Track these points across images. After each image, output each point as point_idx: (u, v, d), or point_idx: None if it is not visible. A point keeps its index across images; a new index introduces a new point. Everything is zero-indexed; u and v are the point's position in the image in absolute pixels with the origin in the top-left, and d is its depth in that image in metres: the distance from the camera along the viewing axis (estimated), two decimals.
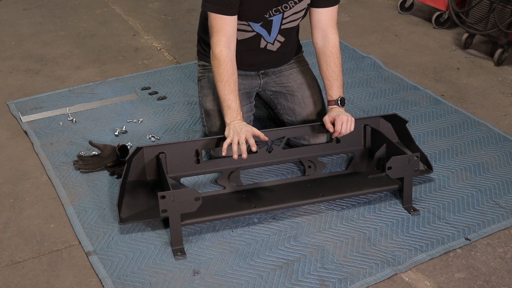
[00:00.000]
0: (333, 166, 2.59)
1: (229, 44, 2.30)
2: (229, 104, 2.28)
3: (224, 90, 2.28)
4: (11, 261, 2.08)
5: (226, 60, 2.28)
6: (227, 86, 2.28)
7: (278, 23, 2.40)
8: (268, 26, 2.40)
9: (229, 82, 2.28)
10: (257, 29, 2.40)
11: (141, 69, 3.47)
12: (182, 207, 2.04)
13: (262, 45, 2.47)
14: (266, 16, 2.35)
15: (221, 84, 2.29)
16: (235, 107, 2.28)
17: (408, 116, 2.95)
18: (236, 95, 2.30)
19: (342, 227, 2.24)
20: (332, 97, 2.44)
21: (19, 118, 2.90)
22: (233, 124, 2.25)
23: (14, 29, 4.00)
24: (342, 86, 2.46)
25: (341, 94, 2.44)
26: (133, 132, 2.81)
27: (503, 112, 3.08)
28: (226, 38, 2.28)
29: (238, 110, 2.29)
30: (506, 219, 2.30)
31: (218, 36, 2.29)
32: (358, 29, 4.10)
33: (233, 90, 2.29)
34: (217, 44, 2.29)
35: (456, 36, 3.99)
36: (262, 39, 2.45)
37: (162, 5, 4.46)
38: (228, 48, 2.29)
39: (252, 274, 2.02)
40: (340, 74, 2.45)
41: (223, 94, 2.29)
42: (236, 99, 2.29)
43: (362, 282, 1.99)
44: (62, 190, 2.41)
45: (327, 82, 2.45)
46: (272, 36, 2.44)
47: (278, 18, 2.38)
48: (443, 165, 2.60)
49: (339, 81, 2.44)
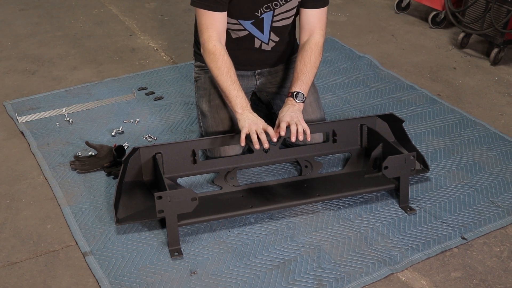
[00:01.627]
0: (330, 166, 2.59)
1: (220, 39, 2.29)
2: (235, 94, 2.23)
3: (227, 82, 2.24)
4: (7, 261, 2.08)
5: (222, 52, 2.26)
6: (229, 77, 2.25)
7: (269, 21, 2.39)
8: (259, 25, 2.39)
9: (230, 73, 2.25)
10: (248, 28, 2.39)
11: (137, 69, 3.47)
12: (178, 207, 2.04)
13: (256, 44, 2.46)
14: (257, 14, 2.34)
15: (222, 77, 2.25)
16: (243, 96, 2.24)
17: (405, 115, 2.95)
18: (239, 86, 2.26)
19: (339, 226, 2.24)
20: (292, 89, 2.33)
21: (15, 118, 2.90)
22: (246, 114, 2.21)
23: (11, 29, 4.00)
24: (308, 85, 2.36)
25: (303, 91, 2.32)
26: (129, 133, 2.80)
27: (499, 112, 3.09)
28: (216, 33, 2.27)
29: (246, 100, 2.25)
30: (502, 218, 2.30)
31: (208, 32, 2.27)
32: (354, 29, 4.11)
33: (235, 81, 2.25)
34: (209, 40, 2.27)
35: (452, 36, 4.00)
36: (256, 39, 2.44)
37: (158, 5, 4.46)
38: (220, 43, 2.28)
39: (249, 274, 2.02)
40: (311, 71, 2.36)
41: (227, 86, 2.24)
42: (241, 89, 2.25)
43: (358, 282, 1.99)
44: (59, 190, 2.41)
45: (295, 74, 2.37)
46: (265, 35, 2.43)
47: (269, 15, 2.37)
48: (439, 165, 2.61)
49: (306, 77, 2.34)
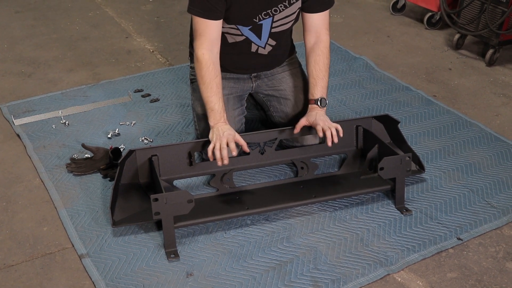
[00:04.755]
0: (326, 167, 2.60)
1: (212, 47, 2.30)
2: (211, 106, 2.28)
3: (207, 93, 2.29)
4: (4, 264, 2.08)
5: (208, 63, 2.28)
6: (209, 88, 2.28)
7: (268, 27, 2.39)
8: (257, 31, 2.39)
9: (211, 84, 2.28)
10: (246, 33, 2.40)
11: (133, 71, 3.47)
12: (175, 209, 2.04)
13: (253, 49, 2.47)
14: (255, 20, 2.35)
15: (203, 87, 2.30)
16: (218, 109, 2.28)
17: (400, 116, 2.96)
18: (220, 97, 2.30)
19: (335, 228, 2.25)
20: (314, 96, 2.41)
21: (11, 121, 2.90)
22: (216, 128, 2.26)
23: (7, 32, 3.99)
24: (326, 88, 2.44)
25: (324, 95, 2.42)
26: (126, 135, 2.80)
27: (495, 112, 3.10)
28: (208, 41, 2.29)
29: (222, 112, 2.29)
30: (497, 218, 2.31)
31: (201, 40, 2.29)
32: (350, 30, 4.11)
33: (216, 93, 2.29)
34: (200, 47, 2.29)
35: (447, 37, 4.01)
36: (253, 44, 2.45)
37: (154, 7, 4.46)
38: (210, 52, 2.29)
39: (245, 275, 2.02)
40: (326, 75, 2.43)
41: (206, 97, 2.29)
42: (219, 101, 2.29)
43: (354, 283, 2.00)
44: (55, 193, 2.41)
45: (312, 80, 2.43)
46: (263, 40, 2.43)
47: (268, 22, 2.37)
48: (435, 166, 2.61)
49: (324, 82, 2.42)
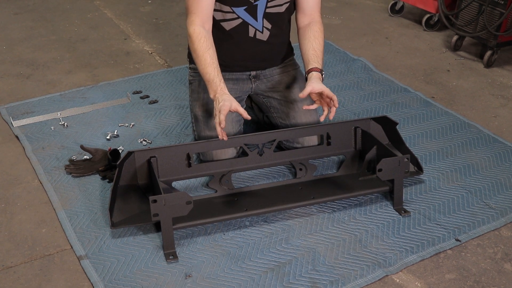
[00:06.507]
0: (324, 169, 2.60)
1: (203, 24, 2.34)
2: (207, 78, 2.29)
3: (201, 65, 2.31)
4: (2, 266, 2.08)
5: (199, 36, 2.31)
6: (203, 60, 2.30)
7: (263, 7, 2.42)
8: (253, 12, 2.42)
9: (205, 56, 2.30)
10: (242, 15, 2.42)
11: (132, 73, 3.47)
12: (173, 211, 2.04)
13: (251, 33, 2.47)
14: (251, 1, 2.38)
15: (197, 60, 2.32)
16: (214, 80, 2.29)
17: (399, 118, 2.96)
18: (214, 67, 2.30)
19: (333, 229, 2.25)
20: (319, 65, 2.41)
21: (10, 122, 2.90)
22: (216, 100, 2.27)
23: (5, 33, 3.99)
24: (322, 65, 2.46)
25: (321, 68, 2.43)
26: (124, 136, 2.81)
27: (493, 114, 3.10)
28: (200, 19, 2.32)
29: (218, 82, 2.29)
30: (496, 220, 2.31)
31: (192, 17, 2.32)
32: (348, 31, 4.12)
33: (209, 63, 2.30)
34: (191, 24, 2.32)
35: (446, 39, 4.02)
36: (250, 27, 2.46)
37: (153, 9, 4.47)
38: (202, 27, 2.33)
39: (244, 277, 2.03)
40: (323, 51, 2.47)
41: (201, 69, 2.31)
42: (214, 71, 2.30)
43: (353, 284, 2.00)
44: (54, 194, 2.41)
45: (313, 52, 2.44)
46: (259, 22, 2.46)
47: (263, 2, 2.41)
48: (433, 167, 2.62)
49: (323, 56, 2.46)
